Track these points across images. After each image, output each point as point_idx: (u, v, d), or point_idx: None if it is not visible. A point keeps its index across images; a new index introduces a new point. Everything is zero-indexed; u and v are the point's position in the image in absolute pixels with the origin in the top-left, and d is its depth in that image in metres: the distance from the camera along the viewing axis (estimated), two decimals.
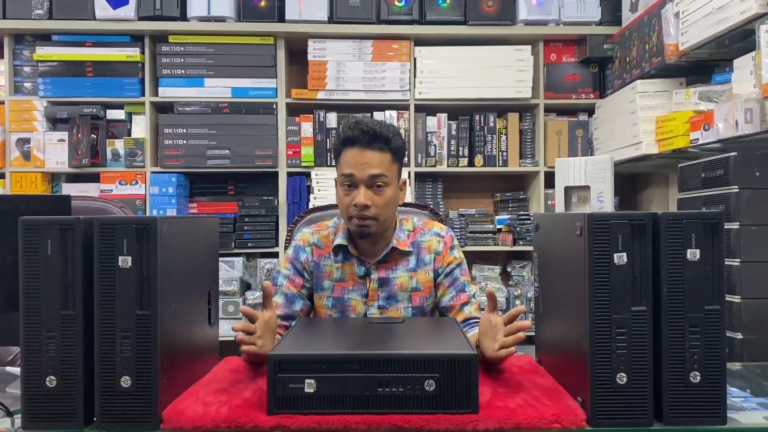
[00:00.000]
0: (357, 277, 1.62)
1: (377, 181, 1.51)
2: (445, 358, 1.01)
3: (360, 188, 1.50)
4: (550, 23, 3.27)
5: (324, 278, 1.63)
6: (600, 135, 3.20)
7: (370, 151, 1.50)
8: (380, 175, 1.51)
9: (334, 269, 1.63)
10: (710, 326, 0.97)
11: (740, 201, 1.93)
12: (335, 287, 1.62)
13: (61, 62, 3.20)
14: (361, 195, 1.50)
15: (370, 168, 1.50)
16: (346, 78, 3.24)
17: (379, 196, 1.52)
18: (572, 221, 1.04)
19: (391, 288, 1.61)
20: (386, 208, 1.54)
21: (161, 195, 3.14)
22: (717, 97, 2.32)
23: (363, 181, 1.50)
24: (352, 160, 1.51)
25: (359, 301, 1.61)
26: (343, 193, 1.54)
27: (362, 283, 1.62)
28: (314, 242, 1.65)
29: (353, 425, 0.98)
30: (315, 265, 1.64)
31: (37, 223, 0.99)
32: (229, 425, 0.98)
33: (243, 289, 3.24)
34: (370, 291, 1.61)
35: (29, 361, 0.98)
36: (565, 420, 0.98)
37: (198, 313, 1.22)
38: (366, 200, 1.50)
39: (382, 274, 1.61)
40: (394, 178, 1.56)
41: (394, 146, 1.54)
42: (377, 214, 1.52)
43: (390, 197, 1.54)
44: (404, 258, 1.63)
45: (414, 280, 1.62)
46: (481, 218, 3.35)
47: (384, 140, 1.51)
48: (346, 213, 1.54)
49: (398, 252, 1.62)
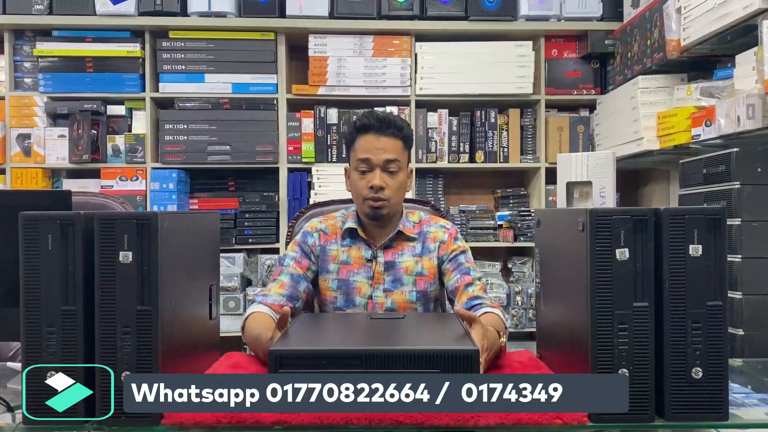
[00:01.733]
0: (364, 260, 1.67)
1: (391, 165, 1.60)
2: (447, 353, 1.01)
3: (375, 171, 1.59)
4: (552, 19, 3.26)
5: (330, 261, 1.67)
6: (601, 131, 3.19)
7: (385, 138, 1.60)
8: (394, 160, 1.60)
9: (340, 252, 1.68)
10: (712, 322, 0.97)
11: (742, 197, 1.93)
12: (341, 269, 1.67)
13: (62, 58, 3.19)
14: (377, 177, 1.59)
15: (385, 153, 1.59)
16: (347, 74, 3.23)
17: (392, 179, 1.61)
18: (574, 217, 1.04)
19: (396, 271, 1.66)
20: (398, 191, 1.63)
21: (162, 191, 3.14)
22: (719, 92, 2.31)
23: (378, 165, 1.59)
24: (367, 145, 1.60)
25: (365, 283, 1.65)
26: (358, 177, 1.62)
27: (369, 266, 1.66)
28: (322, 228, 1.71)
29: (354, 421, 0.97)
30: (321, 249, 1.69)
31: (38, 218, 0.99)
32: (229, 421, 0.98)
33: (244, 284, 3.24)
34: (375, 274, 1.65)
35: (30, 357, 0.98)
36: (566, 416, 0.98)
37: (199, 309, 1.22)
38: (381, 182, 1.59)
39: (388, 258, 1.67)
40: (405, 164, 1.65)
41: (406, 134, 1.64)
42: (390, 196, 1.61)
43: (402, 181, 1.64)
44: (410, 244, 1.69)
45: (419, 265, 1.67)
46: (481, 214, 3.34)
47: (397, 128, 1.61)
48: (361, 196, 1.62)
49: (404, 237, 1.68)
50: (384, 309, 1.64)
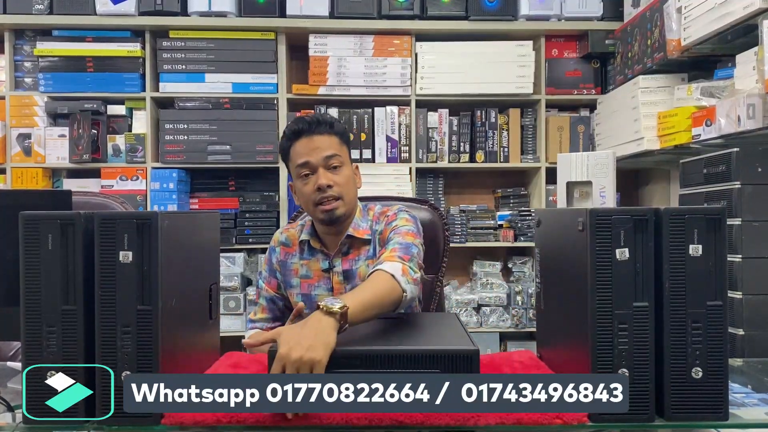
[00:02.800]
0: (322, 272, 1.62)
1: (332, 161, 1.54)
2: (447, 353, 1.01)
3: (318, 171, 1.53)
4: (552, 18, 3.26)
5: (292, 276, 1.65)
6: (601, 131, 3.19)
7: (318, 136, 1.54)
8: (334, 155, 1.54)
9: (299, 266, 1.64)
10: (712, 322, 0.97)
11: (742, 197, 1.93)
12: (302, 284, 1.64)
13: (62, 57, 3.19)
14: (321, 176, 1.52)
15: (323, 151, 1.53)
16: (347, 73, 3.23)
17: (337, 175, 1.54)
18: (574, 217, 1.04)
19: (354, 280, 1.59)
20: (347, 186, 1.56)
21: (162, 191, 3.14)
22: (719, 92, 2.31)
23: (319, 164, 1.53)
24: (303, 149, 1.54)
25: (325, 295, 1.59)
26: (302, 184, 1.55)
27: (327, 278, 1.61)
28: (282, 241, 1.69)
29: (354, 421, 0.97)
30: (282, 264, 1.66)
31: (38, 218, 0.99)
32: (229, 420, 0.98)
33: (244, 284, 3.24)
34: (335, 284, 1.60)
35: (30, 356, 0.98)
36: (566, 416, 0.98)
37: (199, 309, 1.22)
38: (327, 180, 1.52)
39: (345, 267, 1.60)
40: (347, 159, 1.59)
41: (338, 129, 1.58)
42: (341, 192, 1.54)
43: (348, 176, 1.57)
44: (364, 247, 1.61)
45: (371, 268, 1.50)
46: (482, 214, 3.34)
47: (328, 124, 1.56)
48: (311, 202, 1.54)
49: (358, 241, 1.60)
50: None
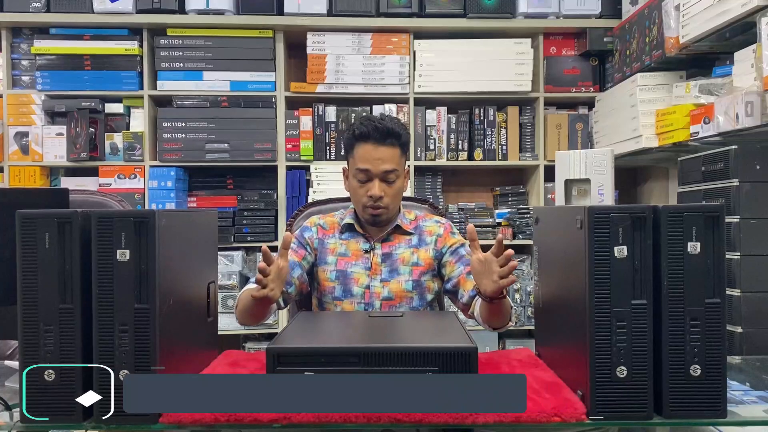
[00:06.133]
0: (362, 251, 1.71)
1: (390, 176, 1.64)
2: (445, 351, 1.01)
3: (374, 181, 1.63)
4: (550, 16, 3.26)
5: (328, 253, 1.71)
6: (600, 128, 3.19)
7: (383, 147, 1.62)
8: (393, 170, 1.64)
9: (338, 245, 1.72)
10: (710, 320, 0.97)
11: (740, 194, 1.93)
12: (339, 261, 1.71)
13: (59, 55, 3.18)
14: (375, 188, 1.63)
15: (384, 164, 1.62)
16: (346, 71, 3.23)
17: (390, 188, 1.65)
18: (572, 214, 1.04)
19: (393, 262, 1.70)
20: (396, 197, 1.68)
21: (160, 189, 3.13)
22: (717, 90, 2.31)
23: (377, 176, 1.63)
24: (366, 156, 1.63)
25: (362, 273, 1.68)
26: (357, 185, 1.66)
27: (366, 257, 1.70)
28: (320, 224, 1.76)
29: (352, 419, 0.97)
30: (319, 242, 1.73)
31: (35, 217, 0.99)
32: (227, 419, 0.98)
33: (242, 282, 3.24)
34: (373, 264, 1.69)
35: (27, 355, 0.98)
36: (564, 413, 0.98)
37: (197, 307, 1.22)
38: (380, 192, 1.63)
39: (385, 250, 1.71)
40: (403, 170, 1.69)
41: (404, 140, 1.67)
42: (388, 203, 1.65)
43: (399, 188, 1.68)
44: (406, 237, 1.73)
45: (415, 256, 1.71)
46: (480, 212, 3.34)
47: (396, 136, 1.64)
48: (360, 203, 1.67)
49: (401, 231, 1.73)
50: (381, 299, 1.66)
